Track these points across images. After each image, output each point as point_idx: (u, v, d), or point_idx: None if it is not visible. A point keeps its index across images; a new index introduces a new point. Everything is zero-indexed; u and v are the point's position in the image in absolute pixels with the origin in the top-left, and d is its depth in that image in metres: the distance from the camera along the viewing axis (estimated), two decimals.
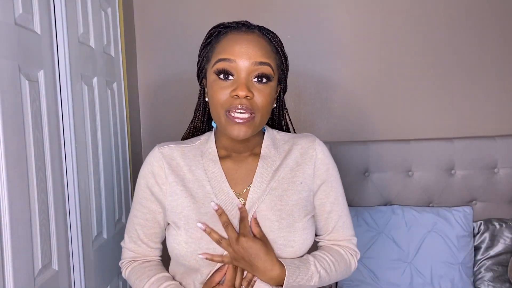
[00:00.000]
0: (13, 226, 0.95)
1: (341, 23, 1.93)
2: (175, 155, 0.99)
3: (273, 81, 0.91)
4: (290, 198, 0.96)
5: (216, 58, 0.90)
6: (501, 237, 1.79)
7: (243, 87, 0.86)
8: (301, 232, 0.93)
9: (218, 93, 0.89)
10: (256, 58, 0.88)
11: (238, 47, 0.89)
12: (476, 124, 1.96)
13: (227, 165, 0.98)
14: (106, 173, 1.51)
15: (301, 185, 0.98)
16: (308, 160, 1.00)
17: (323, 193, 1.01)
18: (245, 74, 0.88)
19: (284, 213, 0.94)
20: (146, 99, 1.97)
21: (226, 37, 0.92)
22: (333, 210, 1.02)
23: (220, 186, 0.95)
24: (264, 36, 0.93)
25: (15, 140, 0.98)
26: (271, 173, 0.97)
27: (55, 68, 1.20)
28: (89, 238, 1.36)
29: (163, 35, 1.93)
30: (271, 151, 1.00)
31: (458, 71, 1.95)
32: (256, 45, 0.90)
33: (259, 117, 0.90)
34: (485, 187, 1.88)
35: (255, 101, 0.88)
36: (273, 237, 0.92)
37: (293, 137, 1.04)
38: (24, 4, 1.03)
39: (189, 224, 0.92)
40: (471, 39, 1.94)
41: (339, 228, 1.03)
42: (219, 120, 0.91)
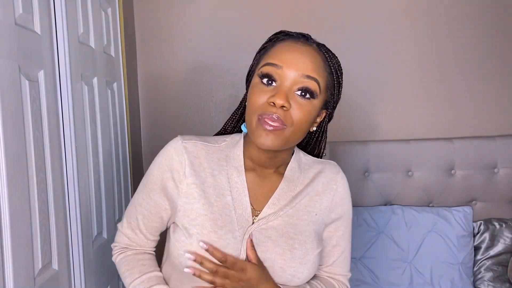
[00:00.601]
0: (13, 226, 0.95)
1: (341, 22, 1.93)
2: (200, 154, 0.91)
3: (317, 99, 0.85)
4: (304, 229, 0.92)
5: (265, 61, 0.85)
6: (501, 237, 1.79)
7: (282, 95, 0.80)
8: (310, 266, 0.90)
9: (256, 96, 0.83)
10: (304, 71, 0.83)
11: (289, 55, 0.84)
12: (476, 124, 1.96)
13: (251, 178, 0.92)
14: (106, 173, 1.51)
15: (316, 217, 0.94)
16: (328, 192, 0.96)
17: (333, 227, 0.98)
18: (289, 84, 0.82)
19: (297, 243, 0.90)
20: (146, 99, 1.97)
21: (282, 43, 0.87)
22: (338, 244, 1.00)
23: (241, 200, 0.89)
24: (321, 52, 0.88)
25: (15, 140, 0.98)
26: (290, 198, 0.92)
27: (55, 68, 1.20)
28: (89, 238, 1.36)
29: (163, 35, 1.93)
30: (296, 174, 0.95)
31: (458, 71, 1.95)
32: (308, 58, 0.84)
33: (291, 132, 0.83)
34: (485, 187, 1.88)
35: (290, 113, 0.82)
36: (284, 266, 0.88)
37: (318, 162, 0.99)
38: (24, 4, 1.03)
39: (203, 235, 0.85)
40: (471, 39, 1.94)
41: (339, 263, 1.01)
42: (250, 124, 0.84)
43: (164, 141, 1.05)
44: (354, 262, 1.76)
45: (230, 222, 0.87)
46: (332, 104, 0.93)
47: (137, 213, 0.95)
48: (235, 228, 0.87)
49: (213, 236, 0.85)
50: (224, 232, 0.86)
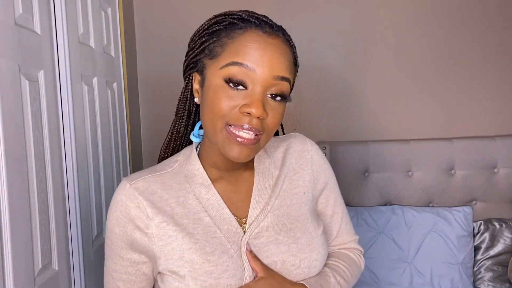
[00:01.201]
0: (13, 226, 0.95)
1: (341, 23, 1.93)
2: (155, 188, 0.78)
3: (287, 100, 0.76)
4: (298, 214, 0.83)
5: (229, 59, 0.72)
6: (501, 237, 1.79)
7: (258, 105, 0.70)
8: (321, 248, 0.82)
9: (223, 102, 0.71)
10: (279, 72, 0.72)
11: (261, 53, 0.71)
12: (476, 124, 1.96)
13: (222, 187, 0.82)
14: (106, 173, 1.51)
15: (305, 196, 0.86)
16: (304, 166, 0.88)
17: (324, 197, 0.92)
18: (262, 88, 0.71)
19: (298, 232, 0.81)
20: (146, 99, 1.97)
21: (244, 34, 0.73)
22: (335, 213, 0.93)
23: (220, 215, 0.79)
24: (287, 42, 0.76)
25: (15, 140, 0.98)
26: (270, 189, 0.83)
27: (55, 68, 1.20)
28: (89, 238, 1.36)
29: (163, 35, 1.93)
30: (266, 162, 0.86)
31: (458, 71, 1.95)
32: (282, 55, 0.73)
33: (265, 137, 0.75)
34: (485, 187, 1.88)
35: (266, 121, 0.73)
36: (296, 262, 0.79)
37: (280, 140, 0.91)
38: (24, 4, 1.03)
39: (196, 270, 0.73)
40: (471, 39, 1.93)
41: (343, 231, 0.95)
42: (214, 134, 0.74)
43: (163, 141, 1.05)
44: None
45: (219, 243, 0.76)
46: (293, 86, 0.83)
47: (116, 281, 0.81)
48: (227, 247, 0.76)
49: (207, 267, 0.74)
50: (217, 257, 0.75)
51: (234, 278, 0.75)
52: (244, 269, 0.76)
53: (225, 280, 0.74)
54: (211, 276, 0.73)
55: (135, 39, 1.94)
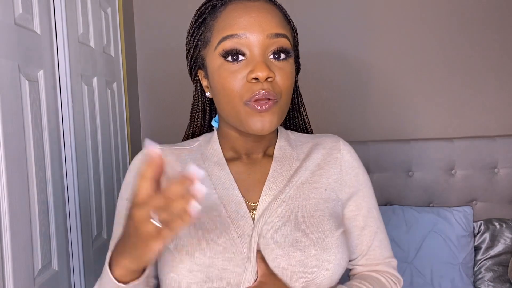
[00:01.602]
0: (13, 226, 0.95)
1: (341, 23, 1.93)
2: (169, 158, 0.79)
3: (291, 56, 0.74)
4: (314, 209, 0.76)
5: (220, 36, 0.71)
6: (501, 237, 1.79)
7: (262, 66, 0.68)
8: (335, 250, 0.72)
9: (230, 79, 0.70)
10: (271, 29, 0.70)
11: (247, 18, 0.70)
12: (477, 124, 1.95)
13: (237, 168, 0.79)
14: (106, 173, 1.51)
15: (326, 193, 0.78)
16: (332, 163, 0.81)
17: (354, 205, 0.82)
18: (260, 50, 0.70)
19: (309, 226, 0.73)
20: (146, 99, 1.97)
21: (226, 9, 0.73)
22: (367, 225, 0.82)
23: (229, 194, 0.75)
24: (271, 2, 0.75)
25: (15, 140, 0.97)
26: (286, 178, 0.78)
27: (55, 68, 1.20)
28: (89, 238, 1.36)
29: (163, 35, 1.93)
30: (287, 152, 0.81)
31: (458, 71, 1.95)
32: (268, 13, 0.71)
33: (283, 102, 0.72)
34: (485, 187, 1.87)
35: (277, 82, 0.70)
36: (302, 258, 0.70)
37: (311, 137, 0.86)
38: (24, 4, 1.03)
39: (192, 246, 0.70)
40: (472, 39, 1.93)
41: (375, 248, 0.83)
42: (235, 114, 0.72)
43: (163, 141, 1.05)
44: None
45: (221, 223, 0.72)
46: (297, 54, 0.82)
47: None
48: (230, 228, 0.72)
49: (205, 245, 0.70)
50: (216, 235, 0.71)
51: (231, 262, 0.69)
52: (247, 256, 0.70)
53: (221, 262, 0.68)
54: (206, 255, 0.69)
55: (135, 39, 1.94)
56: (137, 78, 1.95)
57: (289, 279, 0.70)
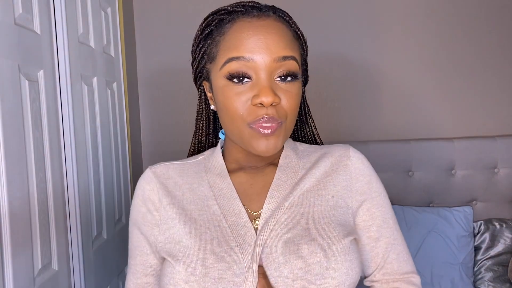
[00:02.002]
0: (13, 226, 0.95)
1: (341, 23, 1.93)
2: (172, 174, 0.80)
3: (299, 77, 0.72)
4: (320, 216, 0.73)
5: (225, 57, 0.69)
6: (501, 237, 1.79)
7: (267, 92, 0.67)
8: (342, 258, 0.69)
9: (234, 101, 0.69)
10: (278, 53, 0.68)
11: (254, 40, 0.68)
12: (476, 124, 1.96)
13: (239, 179, 0.78)
14: (106, 173, 1.51)
15: (333, 200, 0.75)
16: (341, 170, 0.78)
17: (367, 214, 0.77)
18: (267, 74, 0.68)
19: (313, 233, 0.70)
20: (146, 99, 1.97)
21: (233, 26, 0.71)
22: (382, 236, 0.78)
23: (230, 205, 0.74)
24: (281, 19, 0.73)
25: (15, 140, 0.97)
26: (291, 186, 0.76)
27: (55, 68, 1.20)
28: (89, 238, 1.36)
29: (163, 35, 1.93)
30: (292, 161, 0.79)
31: (458, 71, 1.95)
32: (276, 34, 0.69)
33: (288, 124, 0.72)
34: (485, 187, 1.87)
35: (282, 106, 0.69)
36: (305, 265, 0.67)
37: (320, 148, 0.83)
38: (24, 4, 1.03)
39: (190, 256, 0.69)
40: (472, 39, 1.93)
41: (392, 261, 0.78)
42: (238, 134, 0.72)
43: (163, 141, 1.05)
44: None
45: (221, 233, 0.71)
46: (306, 68, 0.81)
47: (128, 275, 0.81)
48: (229, 238, 0.70)
49: (201, 254, 0.69)
50: (214, 245, 0.69)
51: (228, 272, 0.67)
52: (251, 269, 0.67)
53: (216, 272, 0.67)
54: (202, 264, 0.67)
55: (135, 39, 1.94)
56: (137, 78, 1.95)
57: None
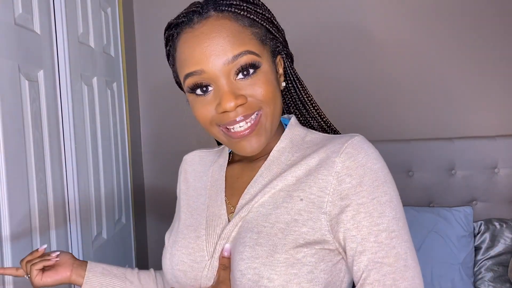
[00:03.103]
0: (13, 226, 0.95)
1: (341, 22, 1.93)
2: (195, 161, 0.87)
3: (263, 64, 0.68)
4: (278, 219, 0.67)
5: (182, 74, 0.69)
6: (501, 237, 1.79)
7: (228, 97, 0.65)
8: (282, 270, 0.63)
9: (202, 112, 0.69)
10: (226, 54, 0.65)
11: (199, 50, 0.66)
12: (477, 124, 1.95)
13: (232, 171, 0.80)
14: (106, 173, 1.51)
15: (302, 203, 0.67)
16: (324, 169, 0.68)
17: (351, 222, 0.64)
18: (223, 78, 0.66)
19: (262, 238, 0.66)
20: (146, 99, 1.96)
21: (180, 40, 0.70)
22: (366, 250, 0.63)
23: (216, 197, 0.78)
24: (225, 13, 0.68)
25: (15, 140, 0.97)
26: (264, 182, 0.72)
27: (55, 68, 1.20)
28: (89, 238, 1.36)
29: (163, 35, 1.93)
30: (283, 155, 0.73)
31: (458, 71, 1.95)
32: (219, 37, 0.66)
33: (269, 110, 0.68)
34: (485, 187, 1.87)
35: (253, 99, 0.67)
36: (243, 268, 0.65)
37: (331, 138, 0.73)
38: (24, 4, 1.03)
39: (172, 236, 0.79)
40: (472, 39, 1.93)
41: (373, 282, 0.63)
42: (221, 140, 0.72)
43: (163, 141, 1.05)
44: None
45: (198, 222, 0.76)
46: (280, 45, 0.75)
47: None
48: (202, 227, 0.74)
49: (179, 236, 0.77)
50: (189, 231, 0.76)
51: (189, 257, 0.73)
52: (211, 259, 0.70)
53: (180, 256, 0.74)
54: (173, 246, 0.76)
55: (135, 39, 1.94)
56: (137, 78, 1.95)
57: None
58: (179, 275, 0.73)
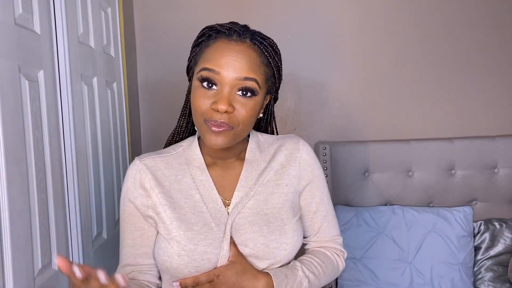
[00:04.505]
0: (13, 226, 0.95)
1: (341, 22, 1.93)
2: (160, 166, 0.95)
3: (258, 95, 0.88)
4: (276, 201, 0.95)
5: (201, 65, 0.87)
6: (501, 237, 1.79)
7: (224, 101, 0.83)
8: (291, 234, 0.92)
9: (199, 101, 0.86)
10: (241, 73, 0.85)
11: (225, 59, 0.85)
12: (476, 124, 1.96)
13: (215, 172, 0.96)
14: (106, 173, 1.51)
15: (287, 187, 0.97)
16: (292, 162, 0.98)
17: (309, 194, 1.00)
18: (229, 87, 0.85)
19: (271, 217, 0.93)
20: (146, 99, 1.97)
21: (215, 43, 0.88)
22: (318, 210, 1.01)
23: (209, 194, 0.93)
24: (255, 46, 0.89)
25: (15, 140, 0.97)
26: (255, 177, 0.96)
27: (55, 68, 1.20)
28: (89, 238, 1.36)
29: (163, 35, 1.93)
30: (256, 155, 0.98)
31: (458, 71, 1.95)
32: (244, 58, 0.86)
33: (239, 130, 0.88)
34: (485, 187, 1.88)
35: (235, 115, 0.85)
36: (266, 241, 0.90)
37: (277, 138, 1.03)
38: (24, 4, 1.03)
39: (181, 236, 0.89)
40: (471, 39, 1.93)
41: (324, 228, 1.03)
42: (198, 126, 0.89)
43: (163, 141, 1.06)
44: (354, 262, 1.76)
45: (203, 217, 0.91)
46: (275, 89, 0.96)
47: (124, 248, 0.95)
48: (209, 220, 0.90)
49: (190, 234, 0.88)
50: (199, 227, 0.89)
51: (210, 246, 0.88)
52: (222, 244, 0.88)
53: (202, 247, 0.87)
54: (191, 242, 0.87)
55: (135, 39, 1.94)
56: (137, 78, 1.95)
57: (256, 258, 0.90)
58: (203, 264, 0.87)
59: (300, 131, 1.95)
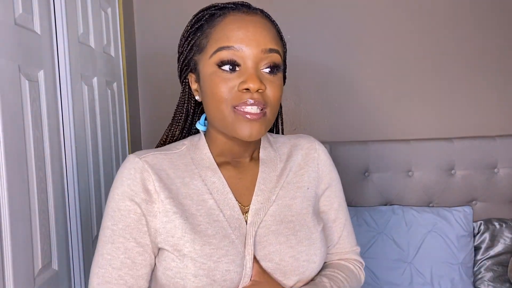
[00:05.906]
0: (13, 226, 0.95)
1: (342, 22, 1.93)
2: (163, 165, 0.78)
3: (281, 71, 0.78)
4: (299, 206, 0.83)
5: (216, 46, 0.74)
6: (501, 237, 1.79)
7: (254, 78, 0.72)
8: (320, 244, 0.81)
9: (221, 86, 0.73)
10: (265, 45, 0.74)
11: (244, 31, 0.73)
12: (476, 124, 1.96)
13: (228, 172, 0.81)
14: (106, 173, 1.51)
15: (309, 191, 0.86)
16: (310, 162, 0.88)
17: (327, 199, 0.90)
18: (254, 63, 0.73)
19: (297, 225, 0.80)
20: (146, 99, 1.97)
21: (224, 19, 0.76)
22: (337, 218, 0.91)
23: (224, 199, 0.78)
24: (267, 18, 0.79)
25: (15, 140, 0.97)
26: (274, 179, 0.83)
27: (55, 68, 1.20)
28: (89, 238, 1.36)
29: (163, 35, 1.93)
30: (271, 154, 0.86)
31: (458, 71, 1.95)
32: (264, 29, 0.75)
33: (271, 113, 0.76)
34: (485, 187, 1.88)
35: (267, 94, 0.74)
36: (295, 253, 0.77)
37: (288, 138, 0.92)
38: (24, 4, 1.03)
39: (196, 251, 0.72)
40: (471, 38, 1.93)
41: (344, 239, 0.92)
42: (223, 119, 0.74)
43: None
44: None
45: (221, 227, 0.75)
46: (285, 67, 0.85)
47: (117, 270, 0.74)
48: (229, 231, 0.76)
49: (207, 249, 0.73)
50: (218, 240, 0.74)
51: (233, 264, 0.73)
52: (245, 259, 0.75)
53: (224, 265, 0.72)
54: (210, 259, 0.72)
55: (135, 39, 1.94)
56: (137, 78, 1.95)
57: (283, 273, 0.76)
58: (224, 285, 0.73)
59: (300, 131, 1.95)
